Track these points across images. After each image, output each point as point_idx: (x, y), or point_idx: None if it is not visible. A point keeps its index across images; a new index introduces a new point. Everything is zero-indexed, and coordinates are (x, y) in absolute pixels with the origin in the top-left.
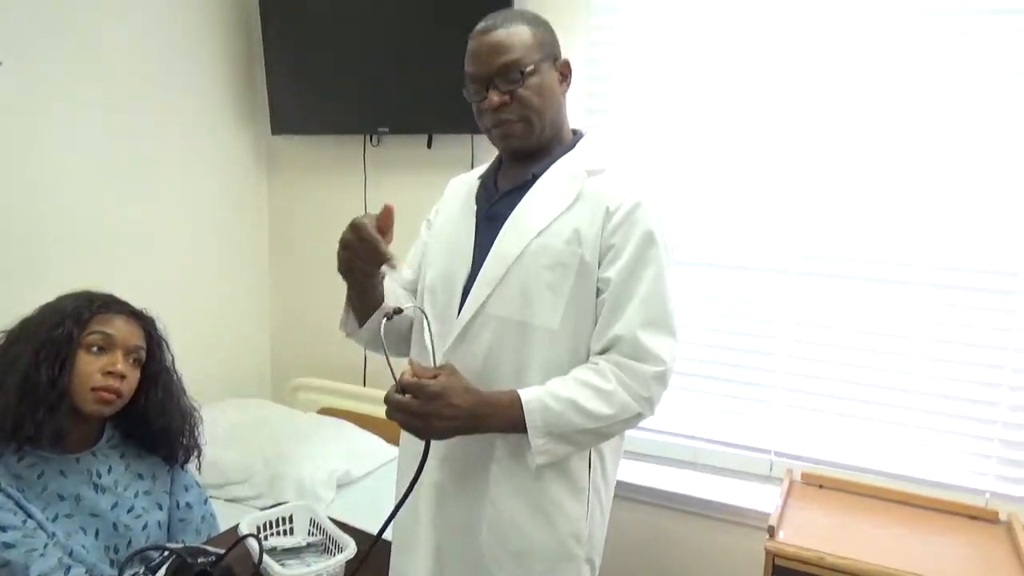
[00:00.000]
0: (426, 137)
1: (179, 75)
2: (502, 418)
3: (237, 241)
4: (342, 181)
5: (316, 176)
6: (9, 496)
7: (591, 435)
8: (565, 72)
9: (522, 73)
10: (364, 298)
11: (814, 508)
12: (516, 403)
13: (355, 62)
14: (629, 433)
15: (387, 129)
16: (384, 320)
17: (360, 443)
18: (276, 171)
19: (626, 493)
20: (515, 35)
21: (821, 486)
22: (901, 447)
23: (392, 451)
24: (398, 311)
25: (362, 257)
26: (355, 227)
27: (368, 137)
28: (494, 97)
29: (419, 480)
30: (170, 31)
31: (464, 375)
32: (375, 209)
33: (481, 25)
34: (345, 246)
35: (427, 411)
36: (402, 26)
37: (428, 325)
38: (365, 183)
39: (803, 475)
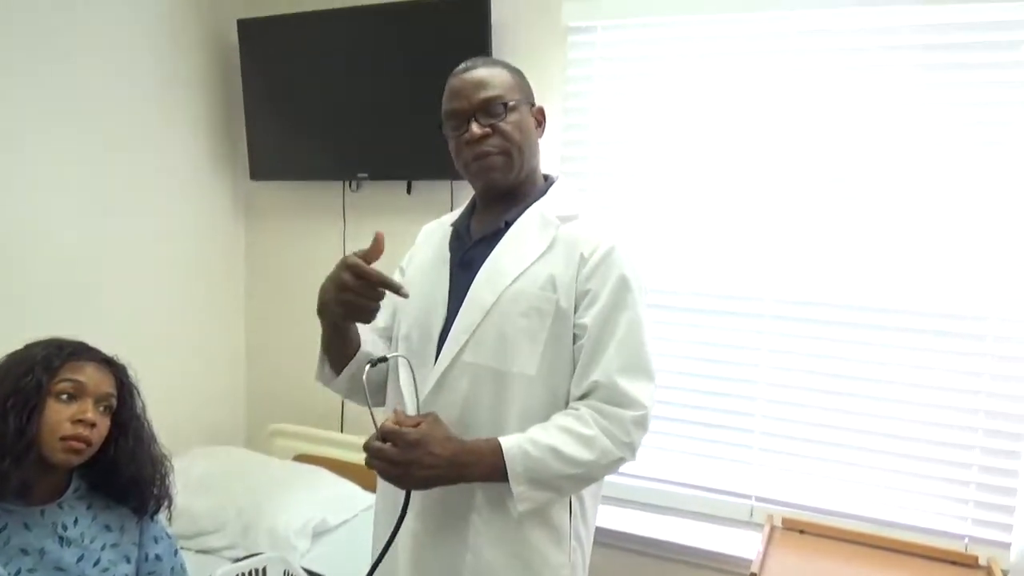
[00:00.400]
0: (405, 183)
1: (159, 120)
2: (483, 466)
3: (214, 286)
4: (321, 227)
5: (295, 222)
6: None
7: (573, 481)
8: (540, 118)
9: (504, 106)
10: (344, 345)
11: (796, 554)
12: (497, 451)
13: (334, 108)
14: (607, 479)
15: (366, 175)
16: (368, 367)
17: (337, 490)
18: (254, 216)
19: (605, 539)
20: (496, 74)
21: (802, 531)
22: (881, 492)
23: (369, 498)
24: (383, 359)
25: (367, 295)
26: (352, 267)
27: (347, 183)
28: (475, 129)
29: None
30: (151, 77)
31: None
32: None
33: (461, 66)
34: (343, 288)
35: (407, 459)
36: (381, 73)
37: (413, 373)
38: (344, 229)
39: (784, 520)
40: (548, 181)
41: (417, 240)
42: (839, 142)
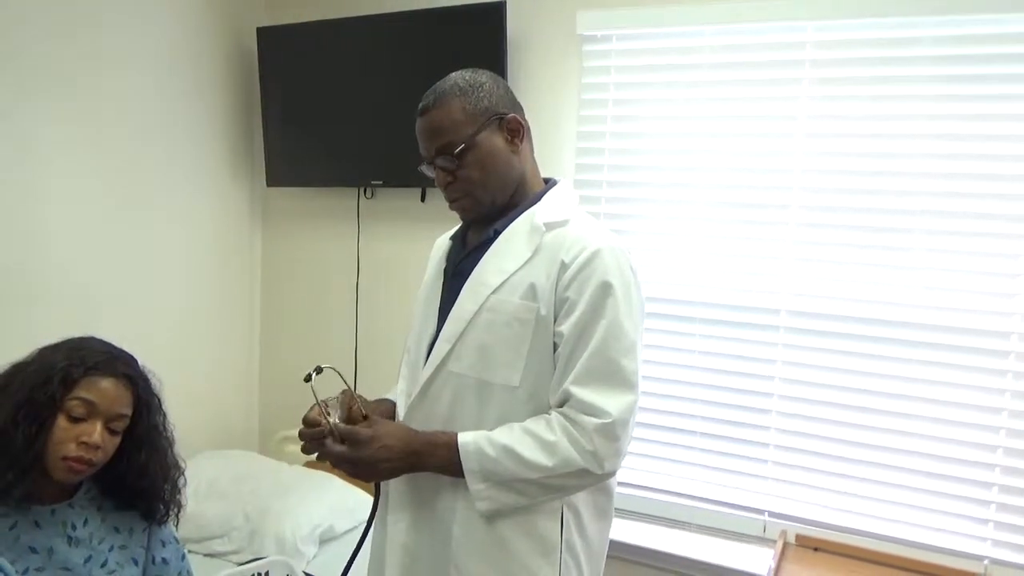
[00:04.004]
0: (420, 190)
1: (177, 127)
2: (440, 458)
3: (229, 292)
4: (335, 233)
5: (310, 228)
6: None
7: (535, 487)
8: (515, 128)
9: (454, 155)
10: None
11: (809, 571)
12: (453, 446)
13: (350, 115)
14: (620, 491)
15: (381, 182)
16: (315, 375)
17: (345, 497)
18: (270, 223)
19: (616, 553)
20: (445, 115)
21: (816, 549)
22: (897, 510)
23: None
24: (319, 370)
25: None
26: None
27: (362, 190)
28: (439, 178)
29: (388, 540)
30: (170, 84)
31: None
32: (367, 260)
33: (420, 103)
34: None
35: (363, 456)
36: (397, 81)
37: (345, 380)
38: (358, 235)
39: (797, 537)
40: (549, 184)
41: (431, 252)
42: (857, 154)
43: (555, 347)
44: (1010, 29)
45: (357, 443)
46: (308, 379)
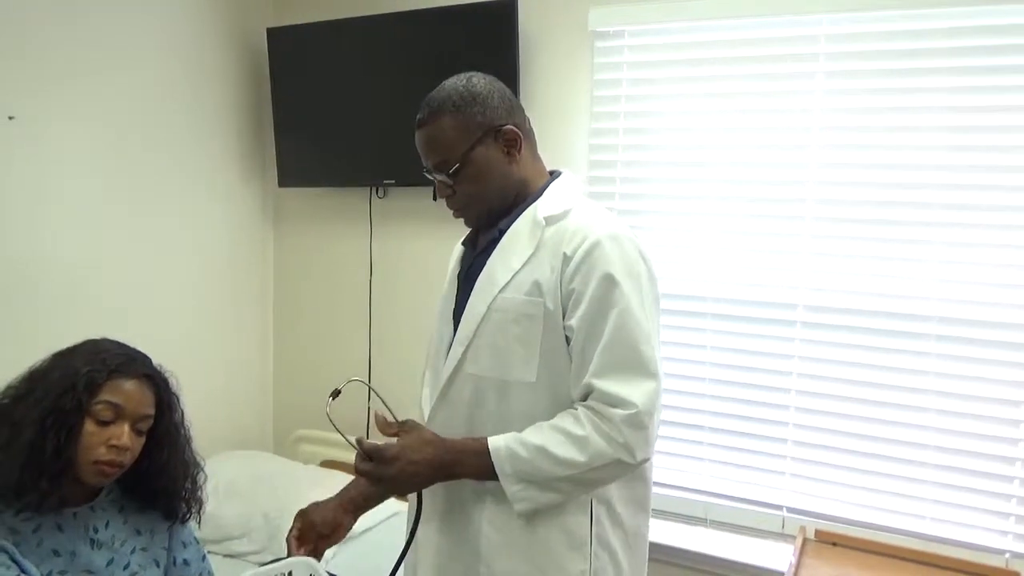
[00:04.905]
0: (431, 189)
1: (188, 127)
2: (471, 466)
3: (242, 292)
4: (347, 233)
5: (322, 228)
6: (4, 550)
7: (570, 483)
8: (512, 139)
9: (449, 173)
10: None
11: (828, 566)
12: (483, 451)
13: (362, 115)
14: None
15: (393, 181)
16: (331, 400)
17: None
18: (282, 223)
19: None
20: (439, 130)
21: (835, 544)
22: (917, 504)
23: (395, 505)
24: (336, 393)
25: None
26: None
27: (374, 189)
28: (440, 190)
29: (416, 542)
30: (181, 84)
31: (449, 432)
32: (379, 260)
33: (417, 115)
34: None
35: (390, 474)
36: (408, 80)
37: (378, 395)
38: (371, 235)
39: (817, 533)
40: (553, 177)
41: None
42: (872, 147)
43: (568, 341)
44: None
45: (383, 461)
46: (334, 397)
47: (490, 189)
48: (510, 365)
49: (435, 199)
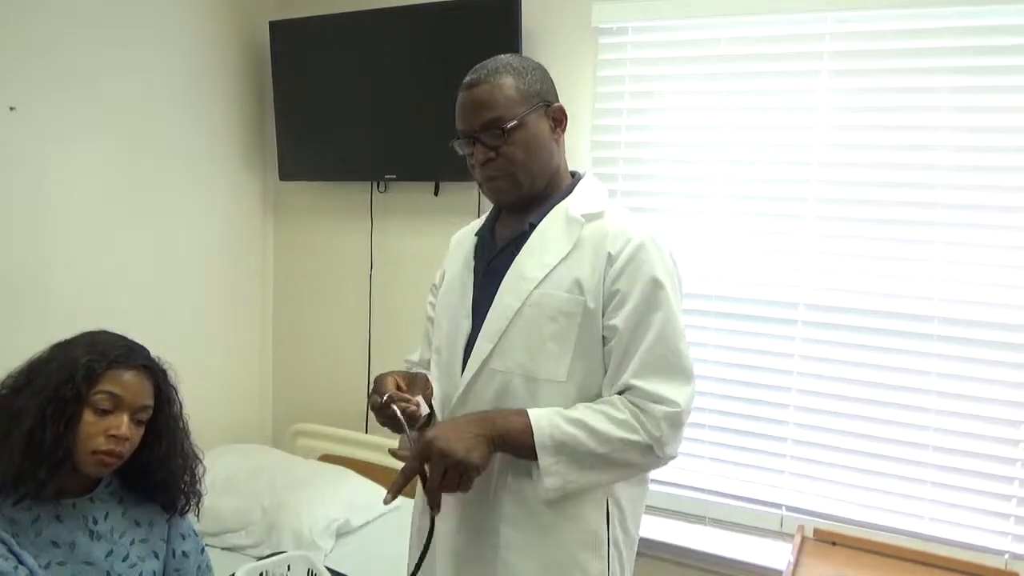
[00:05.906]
0: (433, 184)
1: (189, 121)
2: (513, 422)
3: (242, 285)
4: (348, 227)
5: (323, 222)
6: (2, 541)
7: (603, 462)
8: (559, 117)
9: (504, 130)
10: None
11: (827, 566)
12: (524, 418)
13: (363, 110)
14: None
15: (394, 176)
16: (394, 406)
17: (361, 491)
18: (283, 217)
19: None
20: (498, 89)
21: (834, 543)
22: (917, 504)
23: (395, 501)
24: (391, 399)
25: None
26: (377, 407)
27: (375, 184)
28: (480, 154)
29: (437, 542)
30: (182, 78)
31: None
32: (380, 254)
33: (467, 78)
34: (374, 407)
35: (443, 430)
36: (410, 75)
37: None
38: (371, 230)
39: (815, 531)
40: (576, 178)
41: (448, 251)
42: (876, 146)
43: (604, 340)
44: None
45: (426, 450)
46: (391, 400)
47: (536, 159)
48: (541, 362)
49: (436, 194)
